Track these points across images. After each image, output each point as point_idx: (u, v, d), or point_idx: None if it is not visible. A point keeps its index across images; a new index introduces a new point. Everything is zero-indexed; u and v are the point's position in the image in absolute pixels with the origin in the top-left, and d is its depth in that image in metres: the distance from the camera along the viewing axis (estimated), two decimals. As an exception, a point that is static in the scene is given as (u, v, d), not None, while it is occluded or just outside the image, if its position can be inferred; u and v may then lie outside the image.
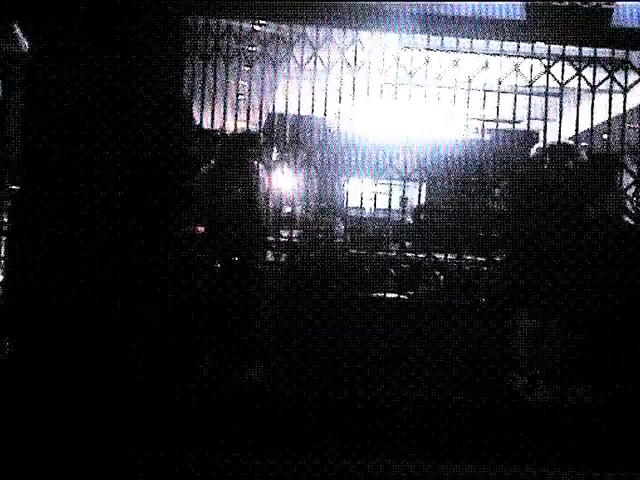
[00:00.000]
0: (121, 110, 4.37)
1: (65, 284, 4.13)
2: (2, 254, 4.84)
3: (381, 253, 4.68)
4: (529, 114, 4.63)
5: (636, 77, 4.64)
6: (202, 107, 4.59)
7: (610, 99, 4.61)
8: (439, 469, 4.04)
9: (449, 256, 4.63)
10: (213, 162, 4.72)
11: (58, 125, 4.20)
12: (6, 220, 4.76)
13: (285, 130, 4.73)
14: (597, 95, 4.64)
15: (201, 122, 4.64)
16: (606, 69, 4.62)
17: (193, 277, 4.50)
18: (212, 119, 4.59)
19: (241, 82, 4.71)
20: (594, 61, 4.62)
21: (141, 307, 4.26)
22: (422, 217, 4.88)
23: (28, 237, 4.17)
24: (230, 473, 3.90)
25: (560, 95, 4.62)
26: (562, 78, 4.62)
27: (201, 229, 4.72)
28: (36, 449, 3.88)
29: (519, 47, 4.65)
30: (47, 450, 3.88)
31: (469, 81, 4.63)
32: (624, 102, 4.60)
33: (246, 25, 4.72)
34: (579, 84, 4.61)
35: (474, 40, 4.64)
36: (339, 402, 4.37)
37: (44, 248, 4.16)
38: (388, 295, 4.66)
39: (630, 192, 4.64)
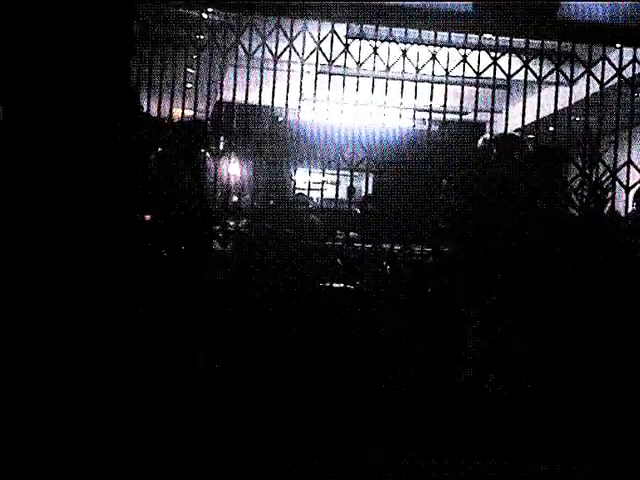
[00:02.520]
0: (67, 96, 4.32)
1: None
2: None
3: (328, 243, 4.66)
4: (476, 105, 4.65)
5: (582, 69, 4.67)
6: (149, 95, 4.56)
7: (556, 91, 4.63)
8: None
9: (396, 246, 4.63)
10: (160, 150, 4.68)
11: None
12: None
13: (233, 119, 4.71)
14: (544, 87, 4.67)
15: (149, 110, 4.60)
16: (553, 61, 4.64)
17: (141, 266, 4.47)
18: (159, 107, 4.56)
19: (189, 70, 4.69)
20: (541, 53, 4.65)
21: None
22: (369, 207, 4.88)
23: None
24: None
25: (507, 87, 4.64)
26: (509, 70, 4.64)
27: (148, 217, 4.69)
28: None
29: (467, 39, 4.66)
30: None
31: (417, 72, 4.63)
32: (570, 94, 4.63)
33: (194, 12, 4.71)
34: (526, 76, 4.64)
35: (422, 31, 4.66)
36: (283, 390, 4.37)
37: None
38: (335, 285, 4.65)
39: (575, 184, 4.67)
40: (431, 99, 4.68)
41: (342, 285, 4.68)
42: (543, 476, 4.04)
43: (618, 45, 4.67)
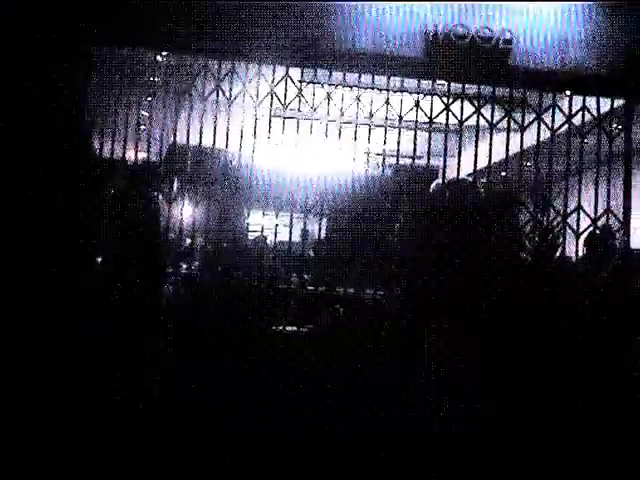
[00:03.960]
0: (21, 138, 4.31)
1: None
2: None
3: (282, 286, 4.65)
4: (429, 150, 4.68)
5: (534, 116, 4.73)
6: (102, 137, 4.54)
7: (508, 137, 4.69)
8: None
9: (349, 290, 4.63)
10: (112, 192, 4.65)
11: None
12: None
13: (186, 162, 4.69)
14: (496, 133, 4.72)
15: (101, 152, 4.58)
16: (504, 108, 4.70)
17: (91, 308, 4.43)
18: (112, 149, 4.54)
19: (143, 112, 4.68)
20: (493, 100, 4.70)
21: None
22: (323, 250, 4.88)
23: None
24: None
25: (459, 132, 4.68)
26: (461, 115, 4.68)
27: (99, 260, 4.65)
28: None
29: (420, 84, 4.71)
30: None
31: (370, 117, 4.66)
32: (521, 140, 4.68)
33: (149, 55, 4.71)
34: (478, 122, 4.69)
35: (376, 76, 4.70)
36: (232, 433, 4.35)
37: None
38: (288, 328, 4.64)
39: (527, 229, 4.71)
40: (384, 143, 4.70)
41: (295, 328, 4.67)
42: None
43: (568, 92, 4.73)
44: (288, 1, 4.52)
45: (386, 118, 4.67)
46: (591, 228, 4.71)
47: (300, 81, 4.69)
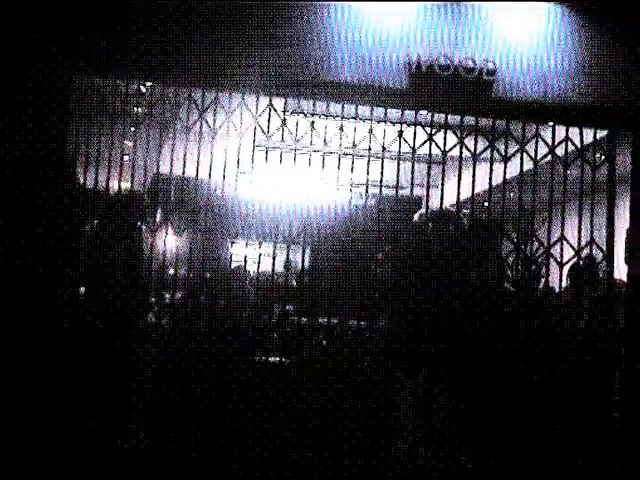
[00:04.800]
0: (2, 167, 4.32)
1: None
2: None
3: (264, 316, 4.64)
4: (412, 180, 4.68)
5: (517, 146, 4.74)
6: (86, 166, 4.54)
7: (491, 168, 4.69)
8: None
9: (332, 320, 4.62)
10: (96, 222, 4.65)
11: None
12: None
13: (170, 192, 4.70)
14: (480, 163, 4.73)
15: (85, 181, 4.58)
16: (487, 138, 4.71)
17: (74, 339, 4.42)
18: (96, 179, 4.55)
19: (126, 142, 4.68)
20: (476, 130, 4.71)
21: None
22: (306, 280, 4.87)
23: None
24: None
25: (443, 162, 4.69)
26: (444, 146, 4.69)
27: (82, 289, 4.64)
28: None
29: (403, 115, 4.72)
30: None
31: (354, 147, 4.67)
32: (504, 171, 4.69)
33: (133, 85, 4.72)
34: (461, 152, 4.69)
35: (359, 107, 4.71)
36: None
37: None
38: (270, 359, 4.62)
39: (510, 259, 4.71)
40: (368, 174, 4.71)
41: (278, 359, 4.65)
42: None
43: (551, 123, 4.74)
44: (270, 31, 4.53)
45: (369, 148, 4.68)
46: (575, 259, 4.71)
47: (283, 111, 4.70)
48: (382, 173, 4.69)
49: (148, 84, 4.72)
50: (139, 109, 4.67)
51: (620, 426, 4.70)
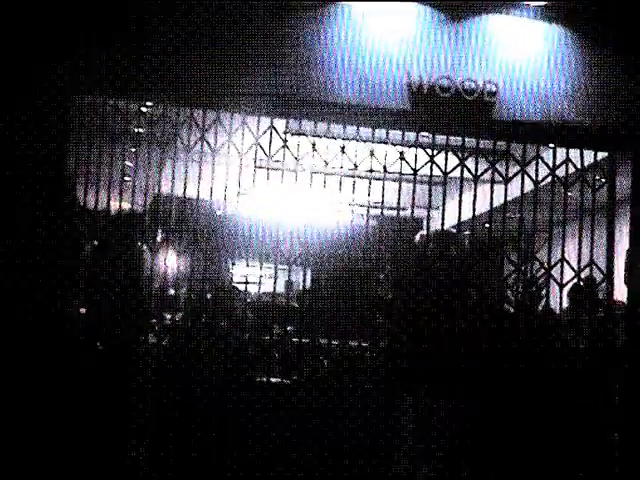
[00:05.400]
0: (3, 185, 4.31)
1: None
2: None
3: (266, 337, 4.64)
4: (413, 201, 4.69)
5: (517, 168, 4.75)
6: (86, 187, 4.53)
7: (492, 189, 4.70)
8: None
9: (333, 341, 4.62)
10: (96, 242, 4.63)
11: None
12: None
13: (171, 212, 4.69)
14: (480, 185, 4.74)
15: (85, 202, 4.57)
16: (488, 160, 4.72)
17: (75, 359, 4.42)
18: (96, 199, 4.53)
19: (127, 163, 4.67)
20: (477, 152, 4.72)
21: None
22: (307, 301, 4.87)
23: None
24: None
25: (444, 184, 4.69)
26: (445, 167, 4.70)
27: (83, 310, 4.63)
28: None
29: (404, 136, 4.72)
30: None
31: (355, 168, 4.67)
32: (505, 192, 4.70)
33: (133, 105, 4.71)
34: (462, 173, 4.70)
35: (361, 128, 4.71)
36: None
37: None
38: (272, 379, 4.62)
39: (511, 280, 4.72)
40: (369, 195, 4.71)
41: (279, 380, 4.65)
42: None
43: (552, 145, 4.76)
44: (272, 52, 4.53)
45: (371, 169, 4.67)
46: (575, 280, 4.72)
47: (285, 132, 4.70)
48: (383, 194, 4.70)
49: (149, 104, 4.69)
50: (140, 129, 4.64)
51: (620, 444, 4.72)
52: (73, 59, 4.39)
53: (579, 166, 4.77)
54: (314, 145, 4.69)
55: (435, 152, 4.70)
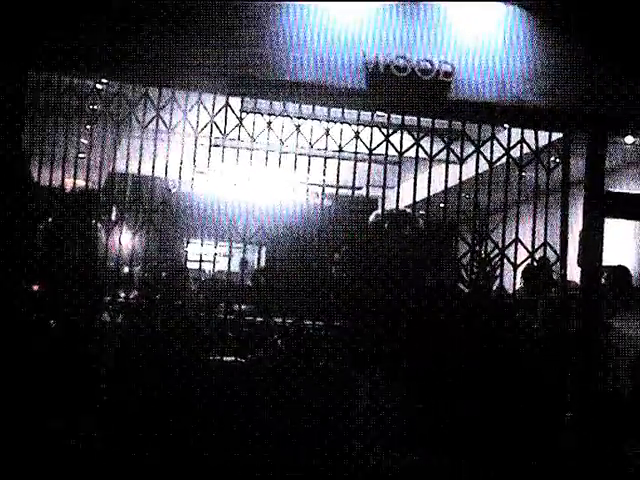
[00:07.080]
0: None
1: None
2: None
3: (220, 316, 4.63)
4: (368, 181, 4.70)
5: (472, 148, 4.76)
6: (41, 164, 4.51)
7: (447, 169, 4.71)
8: None
9: (288, 320, 4.62)
10: (50, 220, 4.62)
11: None
12: None
13: (126, 190, 4.68)
14: (436, 165, 4.75)
15: (39, 179, 4.55)
16: (443, 140, 4.73)
17: (28, 337, 4.40)
18: (51, 176, 4.51)
19: (82, 140, 4.65)
20: (432, 132, 4.73)
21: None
22: (262, 280, 4.87)
23: None
24: None
25: (399, 163, 4.70)
26: (401, 147, 4.70)
27: (36, 287, 4.61)
28: None
29: (360, 115, 4.72)
30: None
31: (310, 147, 4.67)
32: (460, 172, 4.71)
33: (89, 82, 4.69)
34: (417, 154, 4.71)
35: (316, 107, 4.71)
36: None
37: None
38: (225, 358, 4.62)
39: (465, 260, 4.74)
40: (324, 174, 4.71)
41: (233, 358, 4.65)
42: None
43: (506, 126, 4.77)
44: (228, 30, 4.52)
45: (326, 148, 4.68)
46: (529, 260, 4.74)
47: (240, 110, 4.69)
48: (338, 173, 4.70)
49: (104, 81, 4.68)
50: (95, 106, 4.63)
51: (572, 424, 4.75)
52: (28, 35, 4.37)
53: (534, 147, 4.77)
54: (269, 124, 4.69)
55: (390, 132, 4.71)
